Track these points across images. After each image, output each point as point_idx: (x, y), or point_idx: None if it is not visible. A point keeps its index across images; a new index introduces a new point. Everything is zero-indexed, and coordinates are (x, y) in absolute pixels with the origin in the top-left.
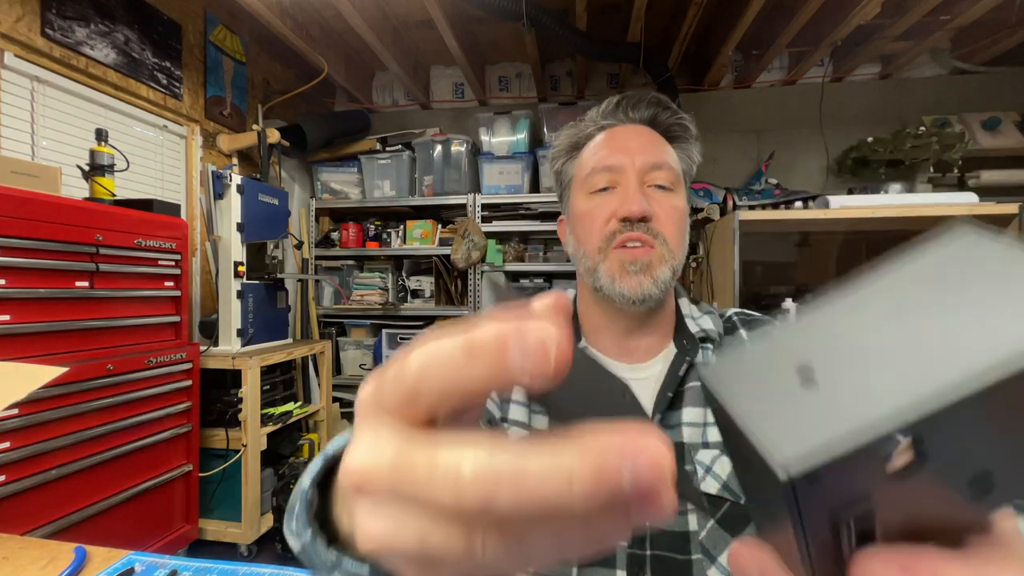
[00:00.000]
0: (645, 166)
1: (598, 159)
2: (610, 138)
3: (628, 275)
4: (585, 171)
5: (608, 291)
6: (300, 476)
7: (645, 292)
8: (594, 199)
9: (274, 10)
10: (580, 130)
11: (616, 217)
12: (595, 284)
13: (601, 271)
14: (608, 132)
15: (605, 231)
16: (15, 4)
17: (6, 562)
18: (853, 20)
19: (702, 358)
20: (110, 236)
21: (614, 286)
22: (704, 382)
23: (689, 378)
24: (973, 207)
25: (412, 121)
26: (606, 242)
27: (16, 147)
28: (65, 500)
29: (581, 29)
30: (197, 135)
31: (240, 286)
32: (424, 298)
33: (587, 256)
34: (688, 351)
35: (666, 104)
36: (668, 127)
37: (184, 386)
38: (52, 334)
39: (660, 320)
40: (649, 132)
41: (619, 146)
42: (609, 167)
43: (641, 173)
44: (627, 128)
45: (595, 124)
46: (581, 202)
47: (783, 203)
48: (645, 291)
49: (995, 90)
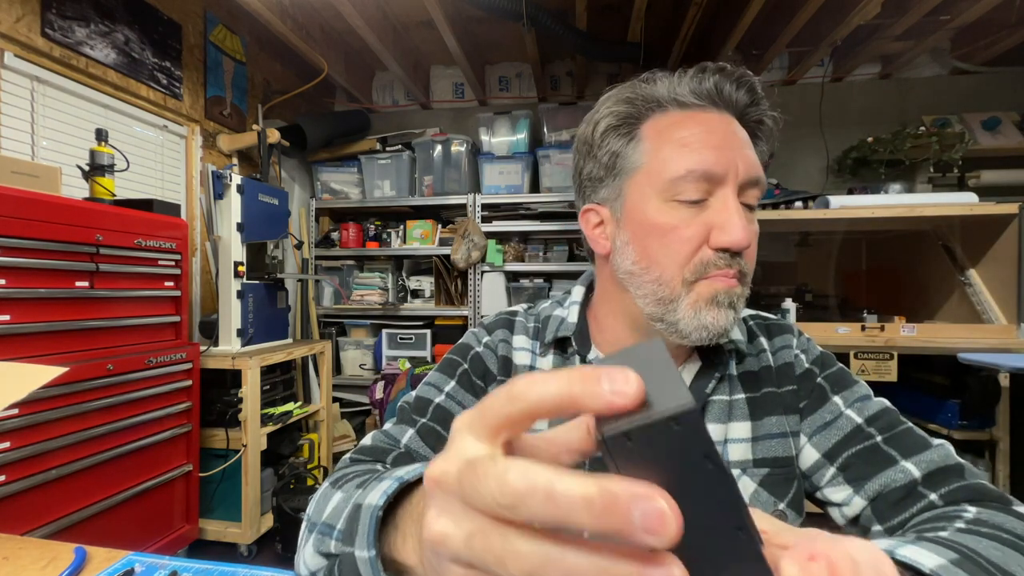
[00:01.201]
0: (748, 179)
1: (696, 158)
2: (704, 128)
3: (719, 308)
4: (673, 169)
5: (685, 325)
6: (359, 495)
7: (725, 327)
8: (680, 211)
9: (274, 10)
10: (646, 97)
11: (712, 244)
12: (664, 318)
13: (682, 305)
14: (695, 117)
15: (696, 259)
16: (15, 4)
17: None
18: (853, 20)
19: (730, 370)
20: (110, 236)
21: (697, 318)
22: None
23: (716, 391)
24: (973, 207)
25: (412, 121)
26: (695, 274)
27: (16, 147)
28: (65, 500)
29: (581, 29)
30: (197, 135)
31: (240, 286)
32: (424, 298)
33: (662, 283)
34: (716, 365)
35: (761, 93)
36: (754, 122)
37: (184, 386)
38: (52, 334)
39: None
40: (741, 129)
41: (721, 144)
42: (709, 174)
43: (740, 188)
44: (722, 119)
45: (672, 97)
46: (657, 209)
47: (783, 203)
48: (726, 326)
49: (995, 90)
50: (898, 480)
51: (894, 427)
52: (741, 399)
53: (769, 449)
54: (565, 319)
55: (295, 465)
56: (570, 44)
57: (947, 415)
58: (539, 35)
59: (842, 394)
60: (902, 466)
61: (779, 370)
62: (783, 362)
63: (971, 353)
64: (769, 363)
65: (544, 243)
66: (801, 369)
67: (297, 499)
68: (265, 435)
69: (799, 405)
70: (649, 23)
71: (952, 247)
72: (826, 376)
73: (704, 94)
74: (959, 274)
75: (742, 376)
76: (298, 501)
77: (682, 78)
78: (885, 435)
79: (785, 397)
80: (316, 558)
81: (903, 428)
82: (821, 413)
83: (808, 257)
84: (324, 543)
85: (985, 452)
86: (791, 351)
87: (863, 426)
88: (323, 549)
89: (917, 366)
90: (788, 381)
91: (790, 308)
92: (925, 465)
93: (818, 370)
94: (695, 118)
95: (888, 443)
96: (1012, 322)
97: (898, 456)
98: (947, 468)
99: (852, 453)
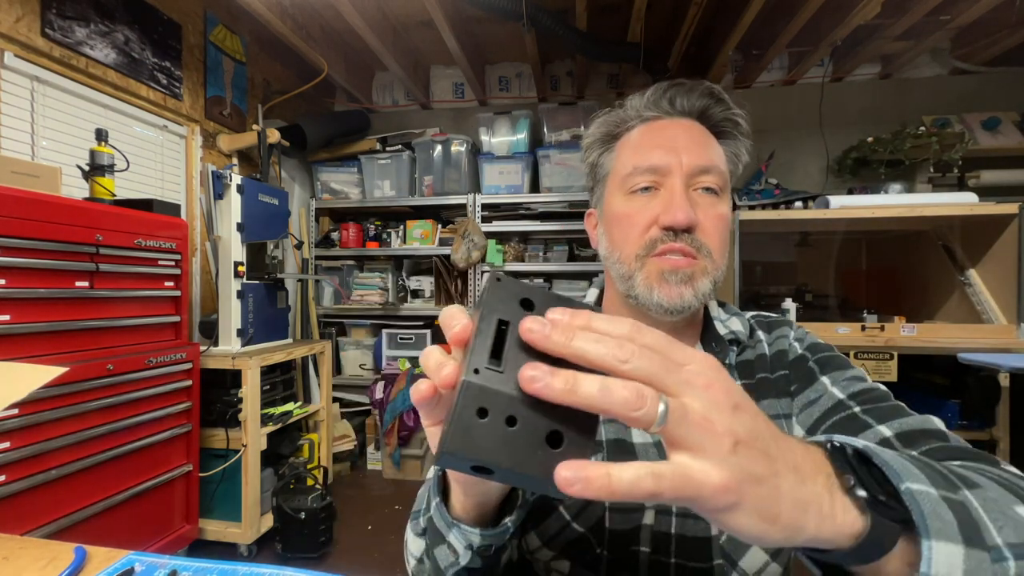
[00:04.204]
0: (693, 169)
1: (641, 157)
2: (655, 133)
3: (667, 284)
4: (625, 169)
5: (644, 300)
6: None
7: (685, 303)
8: (634, 201)
9: (274, 10)
10: (619, 119)
11: (659, 224)
12: (629, 292)
13: (638, 279)
14: (652, 125)
15: (645, 238)
16: (15, 4)
17: (6, 562)
18: (853, 20)
19: (730, 360)
20: (110, 236)
21: (651, 296)
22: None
23: None
24: (973, 207)
25: (412, 121)
26: (645, 250)
27: (16, 147)
28: (65, 500)
29: (581, 29)
30: (197, 135)
31: (240, 286)
32: (424, 298)
33: (622, 262)
34: (717, 354)
35: (719, 96)
36: (719, 122)
37: (184, 386)
38: (52, 334)
39: (689, 324)
40: (698, 128)
41: (665, 143)
42: (653, 167)
43: (688, 176)
44: (674, 123)
45: (637, 114)
46: (618, 202)
47: (783, 203)
48: (685, 302)
49: (995, 90)
50: (869, 439)
51: (877, 401)
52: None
53: None
54: None
55: (295, 465)
56: (570, 44)
57: (947, 415)
58: (539, 35)
59: (831, 375)
60: (875, 429)
61: (773, 357)
62: (777, 350)
63: (971, 353)
64: (764, 352)
65: (544, 243)
66: (795, 355)
67: (297, 499)
68: (265, 435)
69: (790, 388)
70: (649, 23)
71: (952, 247)
72: (817, 359)
73: (662, 107)
74: (959, 274)
75: (739, 365)
76: (298, 501)
77: (644, 97)
78: (865, 407)
79: (778, 382)
80: (416, 541)
81: (888, 404)
82: (808, 393)
83: (808, 257)
84: (416, 524)
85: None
86: (787, 340)
87: (844, 400)
88: (416, 530)
89: (917, 366)
90: (781, 367)
91: (790, 308)
92: (899, 426)
93: (810, 355)
94: (653, 127)
95: (866, 413)
96: (1012, 322)
97: (873, 422)
98: (926, 431)
99: (829, 425)
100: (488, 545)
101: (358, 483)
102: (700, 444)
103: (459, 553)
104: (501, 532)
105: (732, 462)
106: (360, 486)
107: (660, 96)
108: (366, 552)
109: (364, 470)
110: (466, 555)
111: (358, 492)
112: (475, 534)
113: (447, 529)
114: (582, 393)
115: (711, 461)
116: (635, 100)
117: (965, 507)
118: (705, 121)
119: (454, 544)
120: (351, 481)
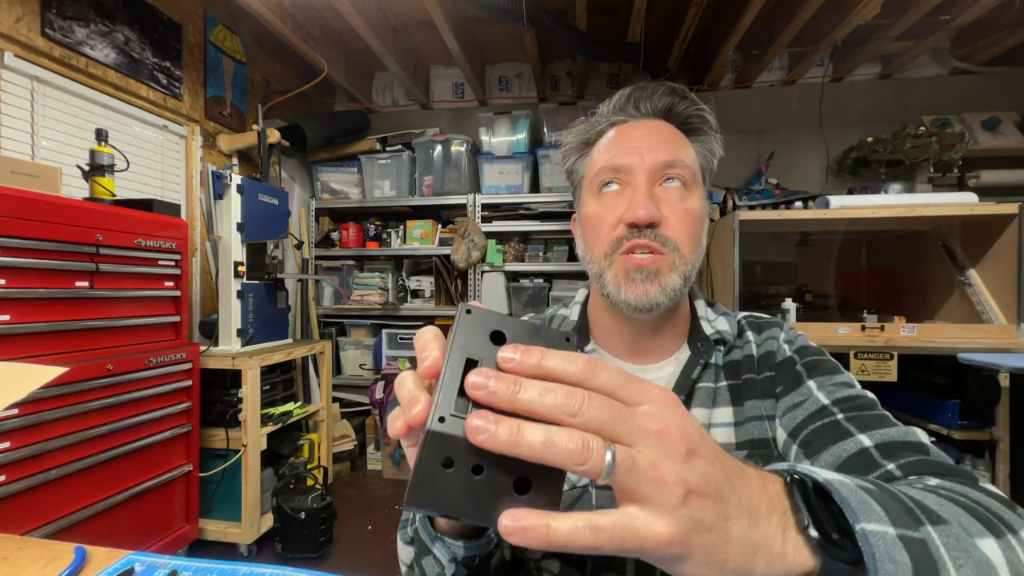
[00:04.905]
0: (656, 165)
1: (606, 159)
2: (620, 135)
3: (633, 283)
4: (593, 171)
5: (615, 299)
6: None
7: (652, 301)
8: (602, 201)
9: (274, 10)
10: (591, 126)
11: (623, 222)
12: (602, 290)
13: (607, 277)
14: (619, 128)
15: (612, 236)
16: (15, 4)
17: (6, 562)
18: (853, 20)
19: (716, 360)
20: (110, 236)
21: (619, 294)
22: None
23: (701, 379)
24: (973, 207)
25: (412, 121)
26: (612, 247)
27: (16, 147)
28: (65, 500)
29: (581, 29)
30: (197, 135)
31: (240, 286)
32: (424, 298)
33: (594, 261)
34: (702, 353)
35: (683, 94)
36: (685, 119)
37: (184, 386)
38: (52, 334)
39: (673, 323)
40: (663, 127)
41: (629, 144)
42: (616, 167)
43: (652, 173)
44: (639, 124)
45: (606, 120)
46: (589, 204)
47: (783, 203)
48: (652, 299)
49: (995, 90)
50: (849, 449)
51: (862, 409)
52: (724, 386)
53: (749, 432)
54: (568, 317)
55: (295, 465)
56: (570, 44)
57: (947, 415)
58: (539, 35)
59: (818, 379)
60: (856, 438)
61: (760, 358)
62: (765, 351)
63: (971, 353)
64: (752, 353)
65: (544, 243)
66: (783, 357)
67: (297, 499)
68: (265, 435)
69: (775, 390)
70: (649, 23)
71: (952, 247)
72: (805, 362)
73: (628, 111)
74: (959, 274)
75: (726, 365)
76: (298, 501)
77: (611, 102)
78: (848, 414)
79: (763, 383)
80: (405, 549)
81: (872, 413)
82: (793, 396)
83: (808, 257)
84: (405, 533)
85: (985, 452)
86: (776, 341)
87: (828, 406)
88: (405, 539)
89: (917, 366)
90: (768, 368)
91: (790, 308)
92: (879, 437)
93: (799, 357)
94: (620, 129)
95: (849, 420)
96: (1012, 322)
97: (855, 431)
98: (907, 443)
99: (812, 430)
100: (472, 556)
101: (358, 483)
102: (648, 495)
103: (444, 565)
104: (484, 544)
105: (680, 513)
106: (360, 486)
107: (625, 101)
108: (366, 552)
109: (364, 470)
110: (451, 567)
111: (358, 492)
112: (458, 547)
113: (431, 542)
114: (525, 444)
115: (658, 513)
116: (604, 106)
117: (925, 545)
118: (673, 119)
119: (439, 556)
120: (351, 481)
